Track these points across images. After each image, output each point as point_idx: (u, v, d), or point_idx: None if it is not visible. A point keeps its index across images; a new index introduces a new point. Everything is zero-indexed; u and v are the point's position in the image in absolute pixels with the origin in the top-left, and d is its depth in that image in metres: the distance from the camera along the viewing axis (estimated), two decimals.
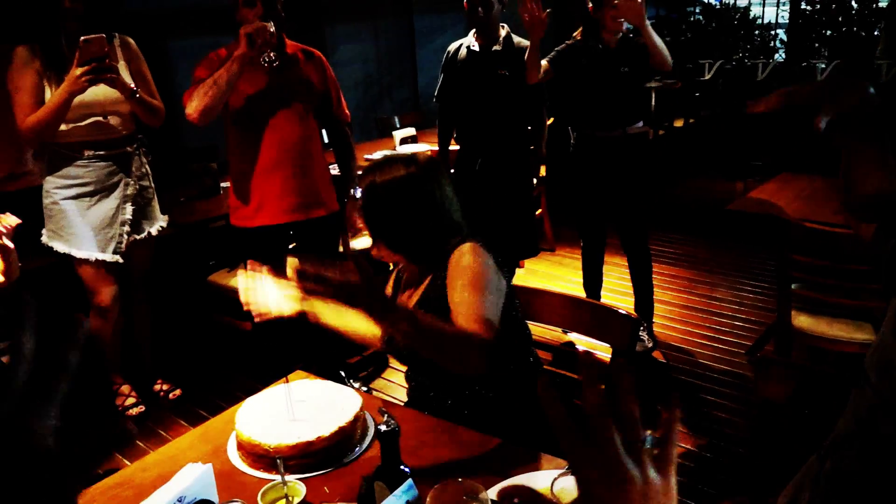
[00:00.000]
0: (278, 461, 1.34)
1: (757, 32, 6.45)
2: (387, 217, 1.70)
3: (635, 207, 3.43)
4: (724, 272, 4.41)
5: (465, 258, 1.62)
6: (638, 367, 1.84)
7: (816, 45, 6.26)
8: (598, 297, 3.69)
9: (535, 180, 3.92)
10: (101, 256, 2.84)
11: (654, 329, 3.67)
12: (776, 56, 6.32)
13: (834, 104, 1.19)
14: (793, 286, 2.68)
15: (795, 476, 1.43)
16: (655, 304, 3.66)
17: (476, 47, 3.47)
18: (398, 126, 5.17)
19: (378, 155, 4.47)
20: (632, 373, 0.69)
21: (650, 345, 3.53)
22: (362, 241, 3.84)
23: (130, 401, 3.14)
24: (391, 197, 1.68)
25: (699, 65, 5.89)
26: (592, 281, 3.68)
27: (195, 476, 1.31)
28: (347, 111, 3.10)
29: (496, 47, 3.45)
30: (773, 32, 6.73)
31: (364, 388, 3.30)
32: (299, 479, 1.35)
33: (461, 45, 3.55)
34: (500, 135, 3.54)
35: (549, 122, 3.91)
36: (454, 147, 3.79)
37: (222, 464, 1.48)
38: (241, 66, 2.62)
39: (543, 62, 3.32)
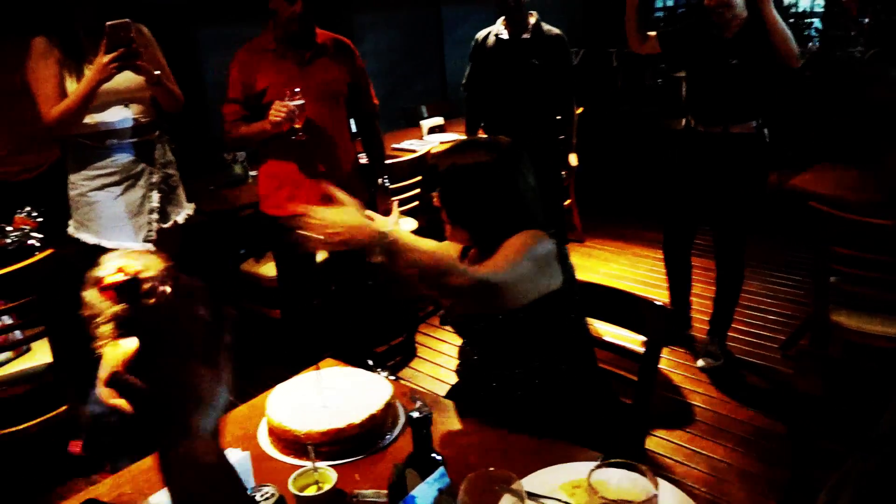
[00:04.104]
0: (309, 447, 1.33)
1: (791, 21, 6.32)
2: (464, 199, 1.68)
3: (731, 214, 3.10)
4: (756, 265, 4.32)
5: (520, 236, 1.59)
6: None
7: (852, 33, 6.12)
8: (684, 308, 3.49)
9: (563, 170, 3.89)
10: (132, 245, 2.84)
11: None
12: (811, 45, 6.18)
13: None
14: (831, 279, 2.62)
15: (835, 473, 1.39)
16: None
17: (505, 35, 3.43)
18: (425, 115, 5.15)
19: (406, 144, 4.46)
20: None
21: (720, 362, 3.26)
22: None
23: None
24: (472, 180, 1.66)
25: None
26: (674, 283, 3.42)
27: (233, 462, 1.30)
28: (376, 100, 3.08)
29: (525, 35, 3.41)
30: (807, 21, 6.59)
31: (391, 377, 3.29)
32: (330, 466, 1.34)
33: (489, 32, 3.51)
34: (529, 124, 3.50)
35: (578, 111, 3.86)
36: (483, 136, 3.76)
37: (253, 449, 1.48)
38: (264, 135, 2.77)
39: (652, 32, 3.08)
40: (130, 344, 0.94)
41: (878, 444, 1.25)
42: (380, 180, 3.12)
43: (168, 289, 0.90)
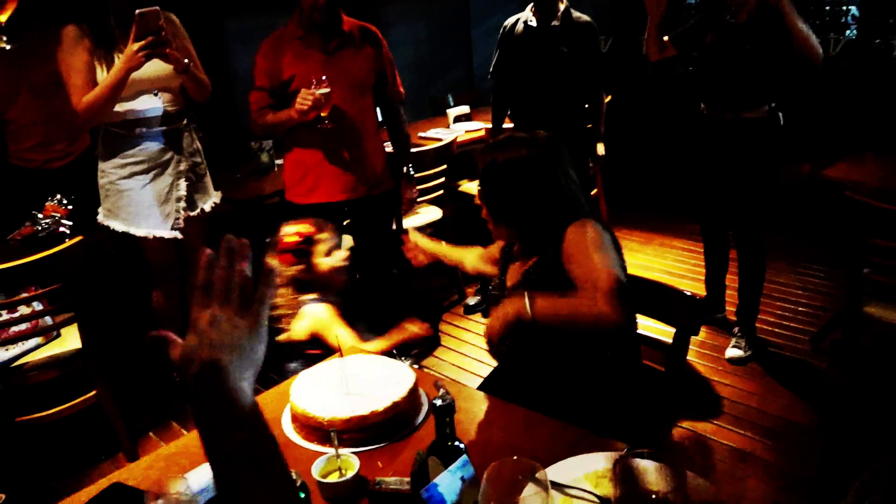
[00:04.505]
0: (332, 434, 1.33)
1: (827, 7, 6.17)
2: (506, 196, 1.71)
3: (745, 201, 3.07)
4: (788, 256, 4.25)
5: (582, 230, 1.62)
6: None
7: (891, 20, 5.97)
8: (719, 291, 3.49)
9: (590, 160, 3.84)
10: (159, 233, 2.86)
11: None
12: (847, 32, 6.03)
13: None
14: (864, 270, 2.55)
15: (868, 467, 1.35)
16: None
17: (534, 22, 3.39)
18: (452, 104, 5.13)
19: (432, 133, 4.45)
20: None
21: (748, 354, 3.20)
22: (415, 219, 3.83)
23: None
24: (512, 176, 1.69)
25: None
26: (709, 265, 3.45)
27: None
28: (402, 89, 3.07)
29: (555, 22, 3.36)
30: (844, 7, 6.43)
31: (415, 366, 3.29)
32: (353, 453, 1.34)
33: (518, 19, 3.47)
34: (557, 113, 3.46)
35: (607, 100, 3.81)
36: (508, 125, 3.73)
37: (276, 436, 1.48)
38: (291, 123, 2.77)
39: (665, 38, 3.08)
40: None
41: None
42: (405, 169, 3.11)
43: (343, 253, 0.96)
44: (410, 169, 3.13)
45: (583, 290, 1.51)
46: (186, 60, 2.67)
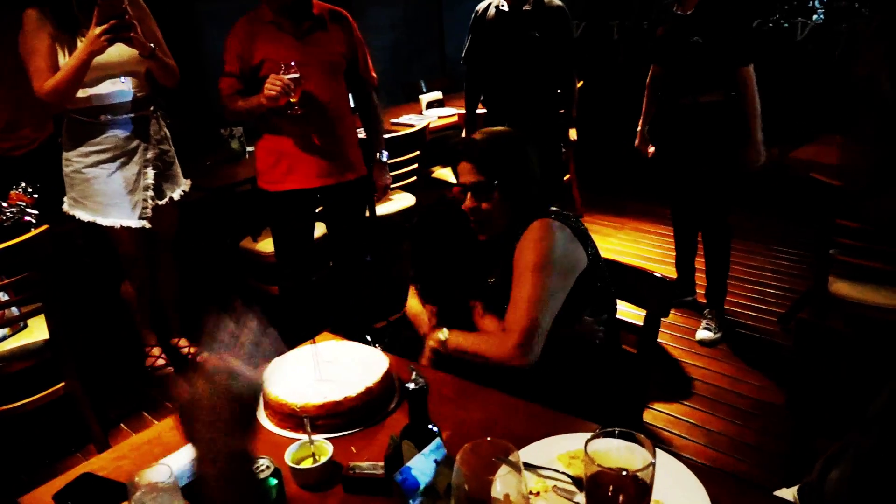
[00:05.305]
0: (305, 421, 1.33)
1: None
2: (515, 164, 1.77)
3: (708, 182, 3.13)
4: (760, 239, 4.31)
5: (539, 237, 1.68)
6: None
7: (856, 4, 6.04)
8: (688, 274, 3.57)
9: (563, 145, 3.85)
10: (126, 223, 2.81)
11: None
12: (815, 17, 6.10)
13: None
14: (830, 251, 2.60)
15: (832, 448, 1.38)
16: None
17: (505, 7, 3.38)
18: (424, 90, 5.11)
19: (405, 119, 4.43)
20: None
21: (718, 335, 3.26)
22: (388, 206, 3.81)
23: (160, 362, 3.17)
24: (521, 146, 1.79)
25: None
26: (679, 248, 3.52)
27: None
28: (374, 73, 3.04)
29: (526, 7, 3.35)
30: None
31: (389, 352, 3.28)
32: (326, 439, 1.34)
33: (489, 4, 3.46)
34: (529, 98, 3.46)
35: (579, 85, 3.82)
36: (481, 111, 3.72)
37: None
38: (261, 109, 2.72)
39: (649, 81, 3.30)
40: None
41: (876, 422, 1.24)
42: (378, 155, 3.09)
43: None
44: (384, 155, 3.11)
45: (504, 332, 1.65)
46: (152, 45, 2.62)
